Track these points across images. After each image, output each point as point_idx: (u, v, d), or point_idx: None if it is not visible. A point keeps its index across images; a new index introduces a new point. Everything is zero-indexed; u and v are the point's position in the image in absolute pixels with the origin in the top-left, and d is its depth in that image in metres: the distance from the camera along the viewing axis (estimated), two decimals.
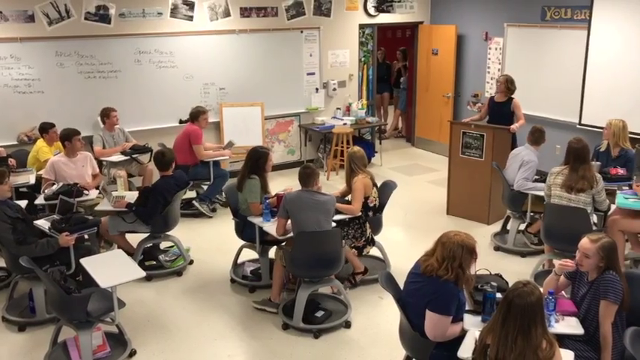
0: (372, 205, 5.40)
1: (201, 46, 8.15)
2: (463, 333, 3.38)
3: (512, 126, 6.94)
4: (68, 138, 6.03)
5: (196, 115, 7.16)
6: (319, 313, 4.80)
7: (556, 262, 3.89)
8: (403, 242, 6.34)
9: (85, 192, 5.80)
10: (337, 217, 5.10)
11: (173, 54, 7.97)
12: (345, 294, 4.99)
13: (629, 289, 3.48)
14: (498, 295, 3.37)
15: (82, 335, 4.12)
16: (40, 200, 5.70)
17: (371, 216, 5.42)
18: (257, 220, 5.15)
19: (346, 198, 5.50)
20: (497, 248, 6.17)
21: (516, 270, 5.57)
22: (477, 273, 3.85)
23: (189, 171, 6.83)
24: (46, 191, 5.70)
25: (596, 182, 5.02)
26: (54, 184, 5.81)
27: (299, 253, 4.63)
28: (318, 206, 4.68)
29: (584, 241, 3.52)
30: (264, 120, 8.65)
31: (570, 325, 3.48)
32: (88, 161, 6.22)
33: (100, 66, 7.55)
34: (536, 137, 5.98)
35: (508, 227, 6.26)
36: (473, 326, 3.39)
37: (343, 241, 5.03)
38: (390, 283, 3.76)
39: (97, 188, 6.08)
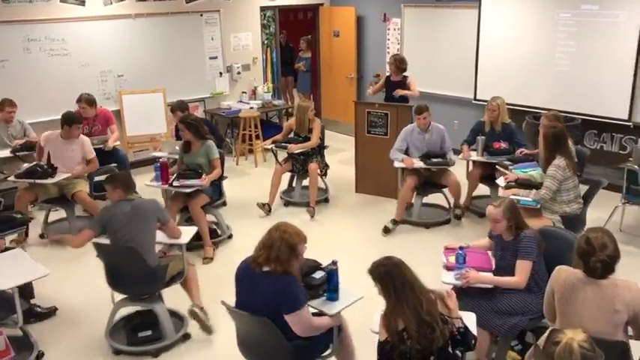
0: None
1: (95, 32, 7.80)
2: (333, 323, 3.39)
3: (398, 90, 7.25)
4: (68, 123, 5.98)
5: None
6: (146, 333, 4.35)
7: None
8: (312, 221, 6.46)
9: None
10: (297, 150, 6.58)
11: (66, 41, 7.58)
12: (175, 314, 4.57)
13: (545, 242, 3.78)
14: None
15: None
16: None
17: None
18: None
19: (290, 136, 6.83)
20: (403, 222, 6.42)
21: (424, 240, 5.87)
22: None
23: None
24: (17, 170, 5.84)
25: None
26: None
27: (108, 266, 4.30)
28: (134, 214, 4.21)
29: (490, 209, 3.83)
30: (167, 106, 8.42)
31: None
32: (80, 147, 6.08)
33: None
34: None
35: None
36: (334, 309, 3.39)
37: (320, 169, 6.69)
38: None
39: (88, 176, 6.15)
